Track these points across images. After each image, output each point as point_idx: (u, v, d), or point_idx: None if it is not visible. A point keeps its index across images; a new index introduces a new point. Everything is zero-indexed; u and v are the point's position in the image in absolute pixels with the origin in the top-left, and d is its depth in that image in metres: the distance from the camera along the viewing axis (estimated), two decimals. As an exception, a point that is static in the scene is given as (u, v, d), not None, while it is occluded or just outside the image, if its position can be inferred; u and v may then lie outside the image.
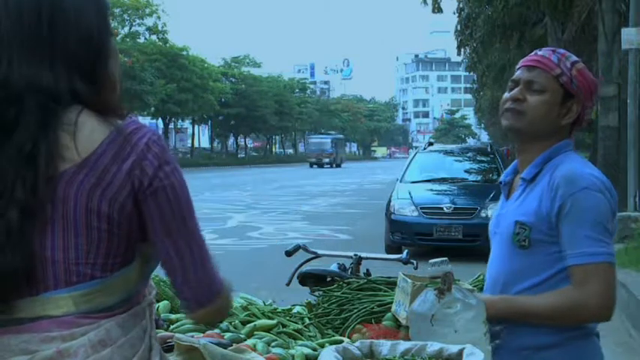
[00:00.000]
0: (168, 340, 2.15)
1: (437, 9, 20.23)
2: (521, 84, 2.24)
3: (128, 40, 47.54)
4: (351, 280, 3.07)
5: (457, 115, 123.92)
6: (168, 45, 50.86)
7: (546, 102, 2.21)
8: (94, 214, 1.49)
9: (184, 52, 52.74)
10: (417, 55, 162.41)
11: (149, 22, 49.95)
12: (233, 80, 65.41)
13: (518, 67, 2.31)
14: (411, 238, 11.95)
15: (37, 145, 1.46)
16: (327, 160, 66.43)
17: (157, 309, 2.77)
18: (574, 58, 2.26)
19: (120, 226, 1.51)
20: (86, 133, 1.49)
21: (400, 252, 4.26)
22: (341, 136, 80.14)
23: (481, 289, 2.80)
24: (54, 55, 1.52)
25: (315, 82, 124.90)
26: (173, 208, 1.54)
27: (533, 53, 2.30)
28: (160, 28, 50.16)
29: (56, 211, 1.48)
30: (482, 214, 11.66)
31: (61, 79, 1.51)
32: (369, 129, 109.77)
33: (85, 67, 1.54)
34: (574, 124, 2.27)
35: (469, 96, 59.98)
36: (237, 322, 2.66)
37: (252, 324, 2.63)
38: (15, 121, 1.47)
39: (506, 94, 2.28)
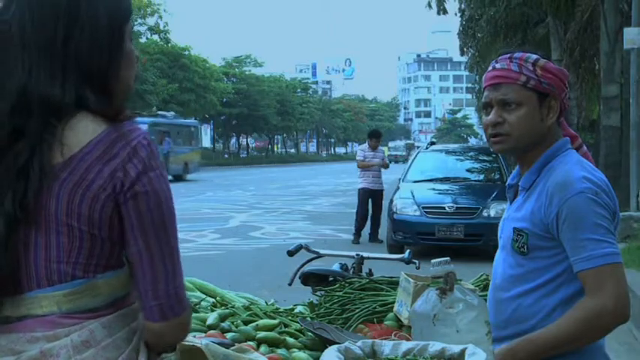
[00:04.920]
0: (171, 340, 2.14)
1: (442, 11, 20.29)
2: (494, 105, 2.20)
3: (130, 39, 47.41)
4: (353, 279, 3.07)
5: (459, 115, 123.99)
6: (170, 45, 50.86)
7: (526, 114, 2.17)
8: (74, 214, 1.49)
9: (186, 52, 52.72)
10: (419, 55, 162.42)
11: (151, 21, 49.99)
12: (235, 80, 65.40)
13: (483, 87, 2.26)
14: (413, 238, 11.95)
15: (31, 158, 1.46)
16: None
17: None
18: (533, 56, 2.20)
19: (101, 229, 1.51)
20: (76, 135, 1.49)
21: (402, 251, 4.26)
22: (192, 122, 44.58)
23: (483, 289, 2.81)
24: (66, 64, 1.52)
25: (316, 82, 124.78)
26: (153, 215, 1.52)
27: (491, 68, 2.24)
28: (161, 27, 50.16)
29: (40, 213, 1.48)
30: (485, 214, 11.67)
31: (70, 92, 1.51)
32: (371, 129, 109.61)
33: (96, 75, 1.54)
34: (560, 114, 2.23)
35: (471, 95, 59.95)
36: (239, 321, 2.66)
37: (254, 324, 2.63)
38: (20, 131, 1.48)
39: (485, 119, 2.24)
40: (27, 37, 1.52)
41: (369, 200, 13.72)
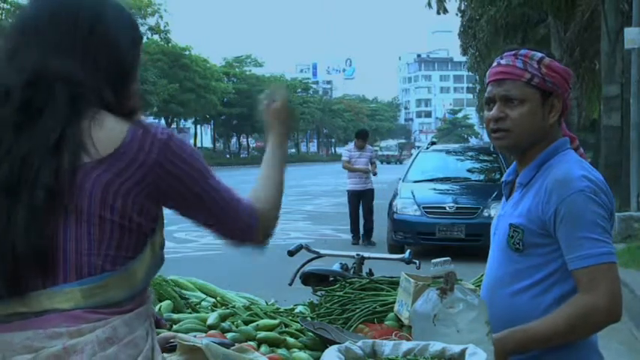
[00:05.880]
0: (171, 340, 2.15)
1: (442, 10, 20.30)
2: (497, 100, 2.20)
3: (130, 39, 47.40)
4: (353, 279, 3.07)
5: (459, 115, 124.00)
6: (170, 45, 50.87)
7: (528, 112, 2.16)
8: (107, 207, 1.52)
9: (187, 52, 52.75)
10: (419, 55, 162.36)
11: (151, 21, 50.00)
12: (235, 80, 65.41)
13: (487, 82, 2.26)
14: (414, 238, 11.96)
15: (64, 134, 1.50)
16: None
17: (160, 309, 2.78)
18: (538, 54, 2.19)
19: (131, 220, 1.55)
20: (106, 132, 1.53)
21: (403, 251, 4.26)
22: None
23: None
24: (85, 62, 1.57)
25: (317, 82, 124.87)
26: (194, 190, 1.63)
27: (495, 64, 2.23)
28: (162, 27, 50.18)
29: (71, 203, 1.50)
30: (485, 214, 11.66)
31: (91, 78, 1.57)
32: (372, 129, 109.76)
33: (111, 82, 1.60)
34: (561, 114, 2.23)
35: (471, 95, 59.94)
36: (239, 321, 2.66)
37: (254, 324, 2.63)
38: (42, 108, 1.52)
39: (487, 114, 2.23)
40: (44, 35, 1.57)
41: (360, 201, 13.44)
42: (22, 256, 1.47)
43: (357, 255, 4.02)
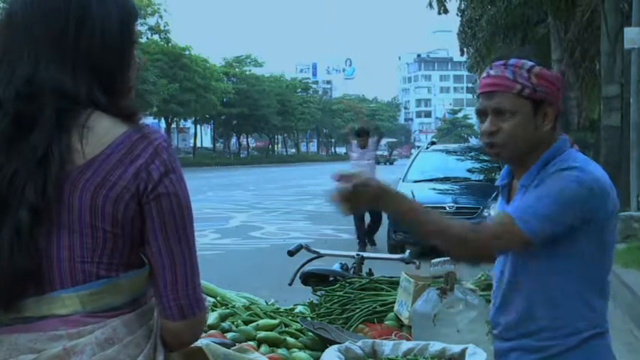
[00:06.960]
0: (171, 340, 2.14)
1: (443, 11, 20.32)
2: (489, 113, 2.20)
3: (130, 39, 47.40)
4: (353, 279, 3.07)
5: (459, 115, 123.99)
6: (170, 45, 50.89)
7: (520, 123, 2.16)
8: (97, 214, 1.50)
9: (186, 52, 52.78)
10: (419, 55, 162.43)
11: (151, 21, 50.01)
12: (235, 80, 65.43)
13: (477, 94, 2.25)
14: (414, 238, 11.92)
15: (50, 148, 1.48)
16: None
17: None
18: (528, 63, 2.18)
19: (124, 228, 1.52)
20: (96, 135, 1.51)
21: (403, 251, 4.26)
22: None
23: (483, 289, 2.80)
24: (76, 60, 1.54)
25: (317, 82, 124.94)
26: (174, 216, 1.55)
27: (485, 74, 2.23)
28: (162, 27, 50.20)
29: (62, 211, 1.49)
30: (485, 214, 11.65)
31: (82, 86, 1.53)
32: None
33: (106, 75, 1.56)
34: (555, 118, 2.23)
35: (471, 95, 59.88)
36: (239, 321, 2.66)
37: (254, 323, 2.63)
38: (32, 121, 1.49)
39: (481, 127, 2.23)
40: (34, 29, 1.53)
41: None
42: (7, 278, 1.47)
43: (357, 255, 4.02)
